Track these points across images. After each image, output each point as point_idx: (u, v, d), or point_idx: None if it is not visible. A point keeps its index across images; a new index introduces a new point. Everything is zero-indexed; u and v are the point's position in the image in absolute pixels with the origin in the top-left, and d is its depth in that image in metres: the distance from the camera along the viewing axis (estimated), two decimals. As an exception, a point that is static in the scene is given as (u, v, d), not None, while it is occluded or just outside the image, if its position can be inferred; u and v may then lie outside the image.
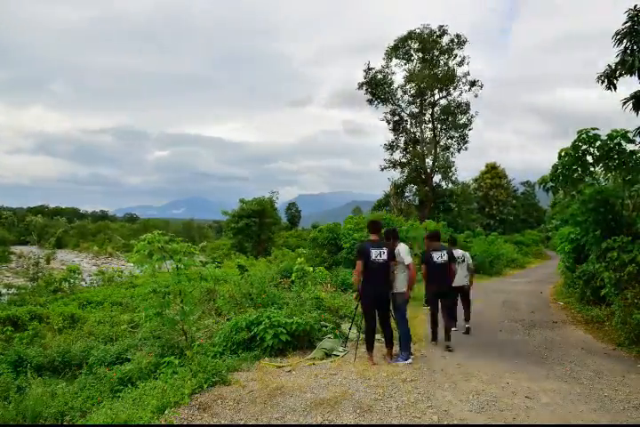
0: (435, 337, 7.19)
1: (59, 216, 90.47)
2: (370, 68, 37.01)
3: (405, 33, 36.47)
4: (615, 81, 8.28)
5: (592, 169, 7.93)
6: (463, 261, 8.13)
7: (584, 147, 7.66)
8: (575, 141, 7.71)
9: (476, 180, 47.72)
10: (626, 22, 7.89)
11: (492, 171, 47.41)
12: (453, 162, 37.11)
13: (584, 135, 7.59)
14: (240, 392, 4.88)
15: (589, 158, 7.77)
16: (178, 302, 6.12)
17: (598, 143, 7.49)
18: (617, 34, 8.02)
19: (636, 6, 7.78)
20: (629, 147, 7.49)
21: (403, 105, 37.92)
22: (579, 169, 7.87)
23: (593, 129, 7.59)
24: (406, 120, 38.23)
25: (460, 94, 37.13)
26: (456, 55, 36.55)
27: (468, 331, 8.05)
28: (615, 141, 7.39)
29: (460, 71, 36.74)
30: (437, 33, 36.38)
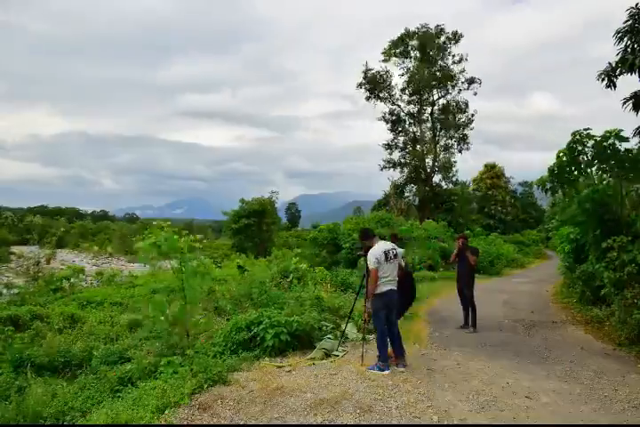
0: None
1: (59, 216, 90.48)
2: (368, 69, 37.02)
3: (403, 32, 36.52)
4: (615, 79, 8.28)
5: (587, 169, 7.96)
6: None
7: (579, 148, 7.69)
8: (570, 143, 7.74)
9: (474, 180, 47.68)
10: (627, 21, 7.88)
11: (492, 171, 47.35)
12: (454, 162, 37.10)
13: (578, 136, 7.62)
14: (240, 392, 4.88)
15: (584, 158, 7.79)
16: (181, 300, 6.13)
17: (591, 143, 7.50)
18: (618, 32, 8.01)
19: (637, 5, 7.78)
20: (624, 146, 7.50)
21: (401, 104, 37.94)
22: (574, 170, 7.90)
23: (586, 129, 7.63)
24: (404, 119, 38.21)
25: (458, 92, 37.15)
26: (454, 54, 36.63)
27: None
28: (610, 142, 7.41)
29: (457, 69, 36.80)
30: (435, 32, 36.42)
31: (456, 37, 36.29)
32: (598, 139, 7.46)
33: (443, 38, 36.50)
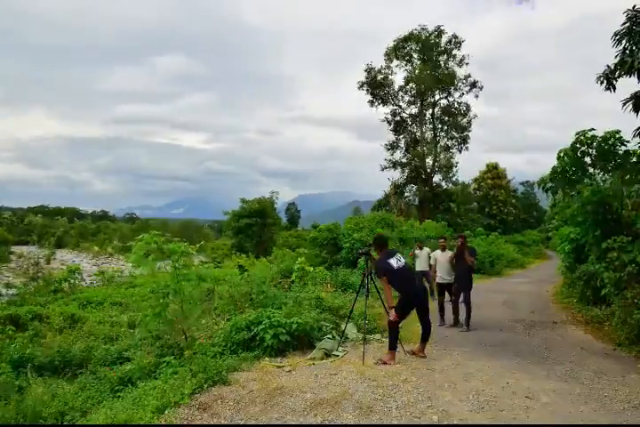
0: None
1: (59, 216, 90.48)
2: (371, 69, 37.03)
3: (405, 34, 36.55)
4: (614, 82, 8.27)
5: (590, 170, 7.95)
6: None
7: (582, 148, 7.68)
8: (574, 143, 7.72)
9: (475, 180, 47.68)
10: (625, 23, 7.88)
11: (493, 171, 47.34)
12: (455, 163, 37.14)
13: (582, 136, 7.61)
14: (240, 392, 4.88)
15: (588, 159, 7.79)
16: (177, 302, 6.15)
17: (595, 144, 7.51)
18: (616, 34, 8.00)
19: (634, 7, 7.77)
20: (624, 147, 7.51)
21: (403, 105, 38.00)
22: (577, 170, 7.89)
23: (591, 130, 7.60)
24: (407, 121, 38.27)
25: (460, 95, 37.23)
26: (455, 55, 36.67)
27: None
28: (610, 142, 7.41)
29: (460, 72, 36.86)
30: (435, 33, 36.46)
31: (457, 41, 36.36)
32: (599, 139, 7.46)
33: (444, 39, 36.52)
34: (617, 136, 7.40)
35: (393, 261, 6.07)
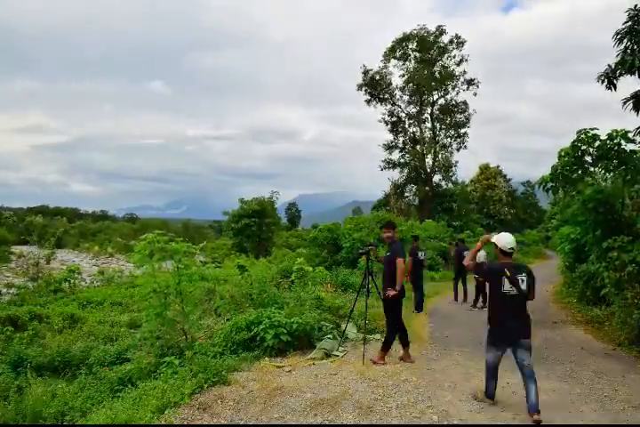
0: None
1: (59, 216, 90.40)
2: (367, 70, 37.10)
3: (402, 34, 36.63)
4: (615, 80, 8.27)
5: (591, 169, 7.93)
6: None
7: (583, 147, 7.66)
8: (574, 141, 7.69)
9: (472, 181, 47.75)
10: (626, 22, 7.88)
11: (486, 172, 47.49)
12: (455, 162, 37.14)
13: (583, 135, 7.59)
14: (240, 392, 4.88)
15: (588, 158, 7.77)
16: (178, 302, 6.15)
17: (597, 143, 7.49)
18: (617, 33, 8.01)
19: (636, 6, 7.78)
20: (629, 146, 7.49)
21: (402, 105, 38.03)
22: (578, 169, 7.87)
23: (592, 129, 7.58)
24: (404, 120, 38.30)
25: (457, 93, 37.27)
26: (455, 56, 36.73)
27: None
28: (615, 141, 7.38)
29: (457, 70, 36.91)
30: (436, 33, 36.51)
31: (459, 41, 36.39)
32: (604, 138, 7.44)
33: (446, 39, 36.53)
34: (624, 134, 7.36)
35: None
